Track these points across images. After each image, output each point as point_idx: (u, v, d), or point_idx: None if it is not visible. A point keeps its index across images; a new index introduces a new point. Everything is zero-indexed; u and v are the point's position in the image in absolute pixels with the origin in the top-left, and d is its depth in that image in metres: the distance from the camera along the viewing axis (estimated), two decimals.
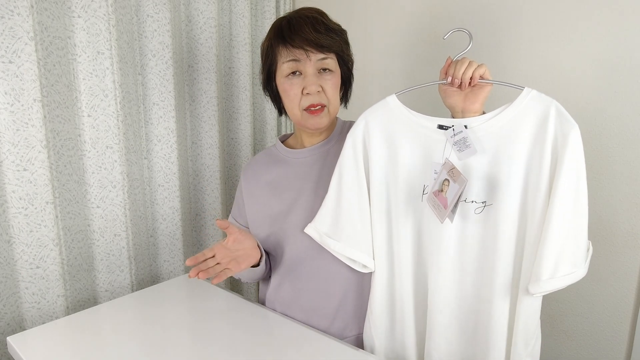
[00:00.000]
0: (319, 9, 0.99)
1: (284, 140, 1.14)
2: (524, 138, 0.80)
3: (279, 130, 1.74)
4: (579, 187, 0.76)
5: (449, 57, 0.88)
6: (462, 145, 0.83)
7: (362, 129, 0.91)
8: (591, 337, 1.16)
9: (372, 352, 0.98)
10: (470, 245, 0.85)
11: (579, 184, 0.76)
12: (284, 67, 0.96)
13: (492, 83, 0.84)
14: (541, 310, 0.87)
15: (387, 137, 0.90)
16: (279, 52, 0.96)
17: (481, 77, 0.83)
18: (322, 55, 0.94)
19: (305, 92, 0.95)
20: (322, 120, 0.98)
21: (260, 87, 1.08)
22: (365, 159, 0.92)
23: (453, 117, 0.88)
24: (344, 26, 1.02)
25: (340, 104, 1.09)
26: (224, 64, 1.53)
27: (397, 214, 0.91)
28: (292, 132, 1.15)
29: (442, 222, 0.83)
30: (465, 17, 1.25)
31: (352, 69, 1.05)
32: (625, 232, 1.08)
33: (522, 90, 0.81)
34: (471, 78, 0.82)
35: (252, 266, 1.00)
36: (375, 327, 0.96)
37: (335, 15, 1.04)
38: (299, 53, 0.93)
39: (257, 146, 1.69)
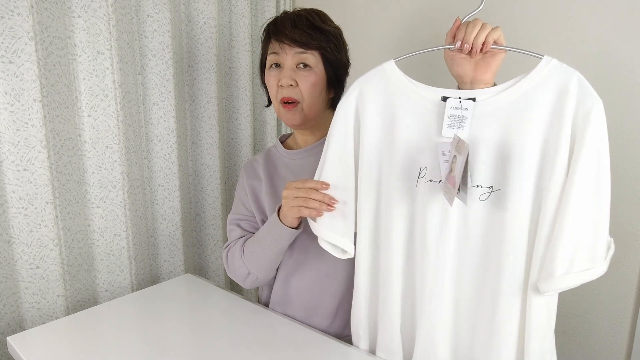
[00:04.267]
0: (315, 10, 1.00)
1: (283, 140, 1.14)
2: (540, 114, 0.70)
3: (279, 130, 1.74)
4: (600, 171, 0.67)
5: (458, 18, 0.77)
6: (455, 122, 0.74)
7: (354, 99, 0.81)
8: (591, 337, 1.16)
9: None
10: (473, 237, 0.76)
11: (601, 167, 0.67)
12: (268, 60, 1.01)
13: (506, 50, 0.73)
14: None
15: (384, 110, 0.80)
16: (267, 46, 1.01)
17: (495, 43, 0.73)
18: (299, 50, 0.95)
19: (279, 84, 0.97)
20: (295, 117, 0.98)
21: (260, 87, 1.11)
22: (356, 134, 0.83)
23: (459, 88, 0.78)
24: (340, 26, 1.02)
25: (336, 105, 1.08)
26: (224, 64, 1.53)
27: (388, 198, 0.82)
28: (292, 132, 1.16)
29: (451, 205, 0.73)
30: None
31: (344, 72, 1.03)
32: (625, 232, 1.07)
33: (542, 59, 0.71)
34: (483, 43, 0.72)
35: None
36: (360, 327, 0.91)
37: (332, 15, 1.04)
38: (278, 47, 0.97)
39: (257, 146, 1.69)
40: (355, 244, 0.87)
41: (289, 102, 0.97)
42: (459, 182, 0.70)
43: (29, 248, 1.06)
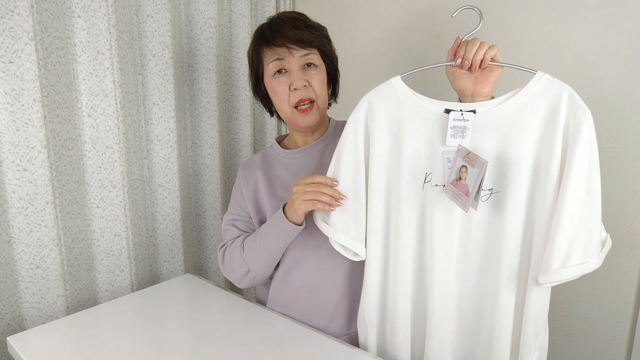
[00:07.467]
0: (297, 12, 1.02)
1: (280, 140, 1.14)
2: (534, 124, 0.77)
3: (278, 130, 1.74)
4: (591, 175, 0.74)
5: (458, 37, 0.84)
6: (458, 132, 0.80)
7: (364, 112, 0.88)
8: (591, 337, 1.16)
9: (365, 347, 0.97)
10: (475, 235, 0.83)
11: (592, 172, 0.74)
12: (269, 67, 0.98)
13: (503, 66, 0.81)
14: None
15: (391, 121, 0.86)
16: (264, 54, 0.99)
17: (492, 59, 0.80)
18: (304, 51, 0.96)
19: (292, 88, 0.97)
20: (313, 118, 0.99)
21: (256, 100, 1.10)
22: (366, 143, 0.89)
23: (461, 101, 0.86)
24: (336, 24, 1.03)
25: (330, 100, 1.09)
26: (224, 64, 1.53)
27: (398, 202, 0.88)
28: (288, 132, 1.16)
29: (466, 212, 0.80)
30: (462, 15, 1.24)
31: (337, 64, 1.06)
32: (625, 232, 1.07)
33: (535, 74, 0.78)
34: (482, 60, 0.79)
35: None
36: (370, 319, 0.94)
37: (329, 14, 1.05)
38: (282, 51, 0.96)
39: (257, 146, 1.69)
40: (365, 246, 0.92)
41: (304, 105, 0.98)
42: (474, 192, 0.76)
43: (29, 248, 1.06)
